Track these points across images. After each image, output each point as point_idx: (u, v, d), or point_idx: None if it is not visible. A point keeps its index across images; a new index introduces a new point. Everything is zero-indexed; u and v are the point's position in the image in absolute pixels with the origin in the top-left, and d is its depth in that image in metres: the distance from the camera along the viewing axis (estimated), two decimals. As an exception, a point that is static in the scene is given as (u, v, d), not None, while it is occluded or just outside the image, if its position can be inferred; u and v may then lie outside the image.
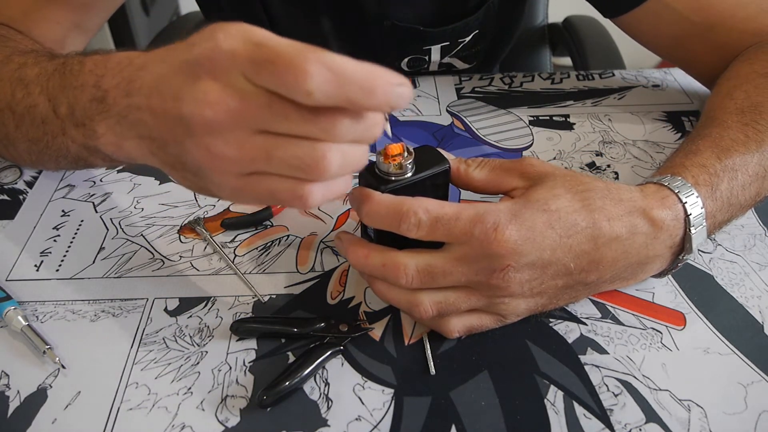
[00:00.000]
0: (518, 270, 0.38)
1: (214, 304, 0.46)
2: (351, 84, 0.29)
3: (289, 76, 0.29)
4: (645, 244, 0.41)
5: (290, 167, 0.32)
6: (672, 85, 0.70)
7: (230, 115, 0.31)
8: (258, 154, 0.32)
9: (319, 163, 0.32)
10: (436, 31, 0.68)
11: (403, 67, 0.73)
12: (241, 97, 0.31)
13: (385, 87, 0.30)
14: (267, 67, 0.29)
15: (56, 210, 0.55)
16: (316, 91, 0.29)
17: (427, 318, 0.41)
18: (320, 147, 0.32)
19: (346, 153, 0.33)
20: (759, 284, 0.48)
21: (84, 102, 0.38)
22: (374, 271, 0.40)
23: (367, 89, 0.30)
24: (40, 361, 0.42)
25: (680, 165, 0.45)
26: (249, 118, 0.31)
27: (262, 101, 0.30)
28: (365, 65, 0.30)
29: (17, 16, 0.58)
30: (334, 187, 0.35)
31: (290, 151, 0.32)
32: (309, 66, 0.28)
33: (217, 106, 0.31)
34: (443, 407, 0.40)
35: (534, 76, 0.72)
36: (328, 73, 0.29)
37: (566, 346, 0.43)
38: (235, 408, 0.40)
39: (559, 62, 1.09)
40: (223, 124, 0.31)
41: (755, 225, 0.53)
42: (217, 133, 0.32)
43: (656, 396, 0.40)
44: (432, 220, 0.38)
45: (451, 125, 0.65)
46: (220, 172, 0.33)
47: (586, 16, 1.01)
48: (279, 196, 0.33)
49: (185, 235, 0.52)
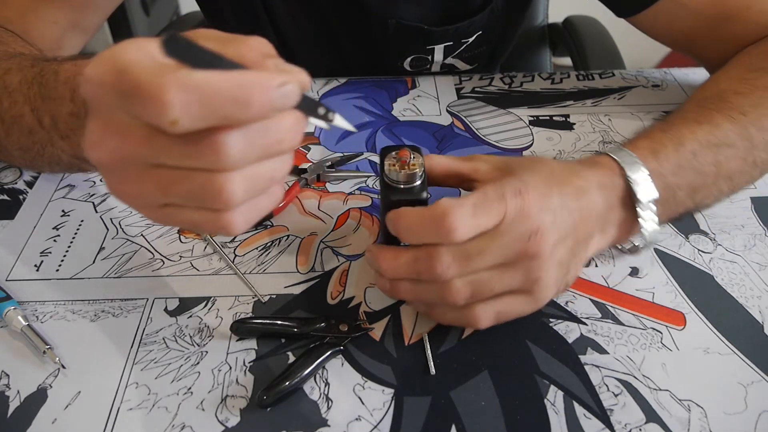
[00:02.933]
0: (546, 231, 0.39)
1: (214, 304, 0.46)
2: (220, 101, 0.27)
3: (150, 107, 0.26)
4: (601, 196, 0.43)
5: (192, 201, 0.30)
6: (672, 85, 0.70)
7: (114, 154, 0.29)
8: (155, 190, 0.30)
9: (218, 195, 0.30)
10: (440, 30, 0.68)
11: (406, 67, 0.73)
12: (121, 134, 0.29)
13: (262, 94, 0.28)
14: (130, 99, 0.27)
15: (56, 210, 0.55)
16: (180, 118, 0.26)
17: (460, 300, 0.39)
18: (216, 179, 0.29)
19: (251, 176, 0.30)
20: (759, 284, 0.48)
21: (64, 115, 0.38)
22: (407, 269, 0.39)
23: (241, 102, 0.27)
24: (40, 361, 0.42)
25: (626, 142, 0.47)
26: (133, 155, 0.29)
27: (142, 135, 0.28)
28: (234, 75, 0.27)
29: (14, 16, 0.57)
30: (258, 206, 0.32)
31: (185, 186, 0.30)
32: (166, 95, 0.26)
33: (100, 147, 0.29)
34: (443, 407, 0.40)
35: (534, 76, 0.72)
36: (189, 96, 0.26)
37: (566, 346, 0.43)
38: (235, 408, 0.40)
39: (560, 62, 1.09)
40: (112, 164, 0.30)
41: (755, 225, 0.53)
42: (112, 172, 0.31)
43: (656, 396, 0.40)
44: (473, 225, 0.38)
45: (451, 125, 0.65)
46: (133, 206, 0.32)
47: (587, 16, 1.01)
48: (201, 227, 0.32)
49: (185, 235, 0.52)
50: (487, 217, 0.38)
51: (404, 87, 0.70)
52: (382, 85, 0.71)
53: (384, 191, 0.42)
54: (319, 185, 0.57)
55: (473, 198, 0.38)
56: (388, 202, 0.42)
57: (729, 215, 0.54)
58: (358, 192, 0.56)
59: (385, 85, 0.71)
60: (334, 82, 0.71)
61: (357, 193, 0.56)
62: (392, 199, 0.41)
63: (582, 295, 0.47)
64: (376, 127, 0.64)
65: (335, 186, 0.57)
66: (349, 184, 0.57)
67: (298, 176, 0.57)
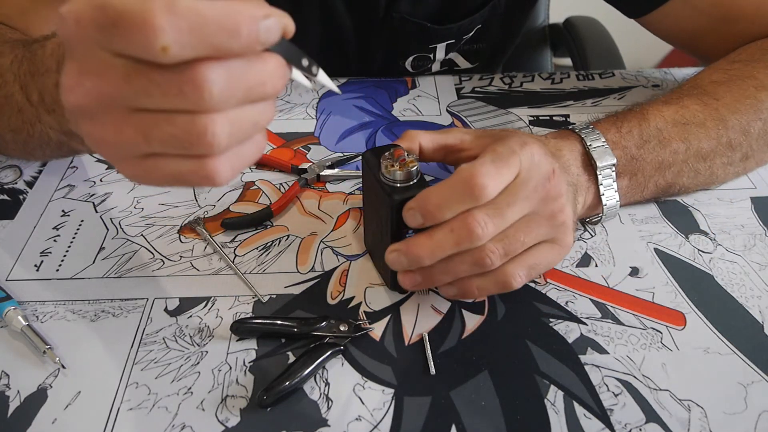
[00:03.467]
0: (558, 171, 0.41)
1: (214, 304, 0.46)
2: (210, 27, 0.26)
3: (138, 34, 0.25)
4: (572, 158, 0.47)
5: (175, 147, 0.29)
6: (672, 85, 0.70)
7: (91, 96, 0.28)
8: (136, 136, 0.29)
9: (201, 138, 0.28)
10: (443, 29, 0.68)
11: (408, 67, 0.73)
12: (98, 74, 0.27)
13: (250, 24, 0.27)
14: (113, 31, 0.25)
15: (56, 210, 0.55)
16: (172, 44, 0.25)
17: (496, 260, 0.40)
18: (198, 121, 0.28)
19: (235, 119, 0.29)
20: (759, 284, 0.48)
21: (50, 87, 0.37)
22: (445, 243, 0.39)
23: (230, 29, 0.26)
24: (40, 361, 0.42)
25: (593, 120, 0.51)
26: (111, 96, 0.28)
27: (121, 74, 0.27)
28: (219, 3, 0.26)
29: (14, 14, 0.58)
30: (243, 153, 0.31)
31: (166, 129, 0.28)
32: (157, 19, 0.25)
33: (76, 88, 0.28)
34: (443, 407, 0.40)
35: (534, 76, 0.72)
36: (181, 21, 0.25)
37: (566, 346, 0.43)
38: (235, 408, 0.40)
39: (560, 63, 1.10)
40: (91, 109, 0.28)
41: (755, 225, 0.53)
42: (90, 118, 0.29)
43: (656, 396, 0.40)
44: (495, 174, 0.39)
45: (451, 125, 0.65)
46: (112, 158, 0.30)
47: (587, 17, 1.01)
48: (184, 179, 0.30)
49: (185, 235, 0.52)
50: (507, 169, 0.39)
51: (404, 87, 0.70)
52: (382, 85, 0.71)
53: (383, 196, 0.41)
54: (319, 185, 0.57)
55: (488, 156, 0.39)
56: (392, 203, 0.41)
57: (729, 215, 0.54)
58: (358, 192, 0.56)
59: (385, 85, 0.71)
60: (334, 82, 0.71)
61: (357, 193, 0.56)
62: (397, 199, 0.41)
63: (582, 295, 0.47)
64: (376, 127, 0.64)
65: (335, 186, 0.57)
66: (349, 184, 0.57)
67: (298, 176, 0.57)
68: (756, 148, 0.52)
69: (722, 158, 0.51)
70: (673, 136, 0.49)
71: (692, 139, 0.49)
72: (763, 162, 0.55)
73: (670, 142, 0.49)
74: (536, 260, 0.42)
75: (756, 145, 0.52)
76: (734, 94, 0.52)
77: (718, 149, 0.50)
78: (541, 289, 0.47)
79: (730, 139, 0.50)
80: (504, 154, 0.39)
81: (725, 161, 0.51)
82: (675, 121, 0.49)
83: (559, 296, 0.47)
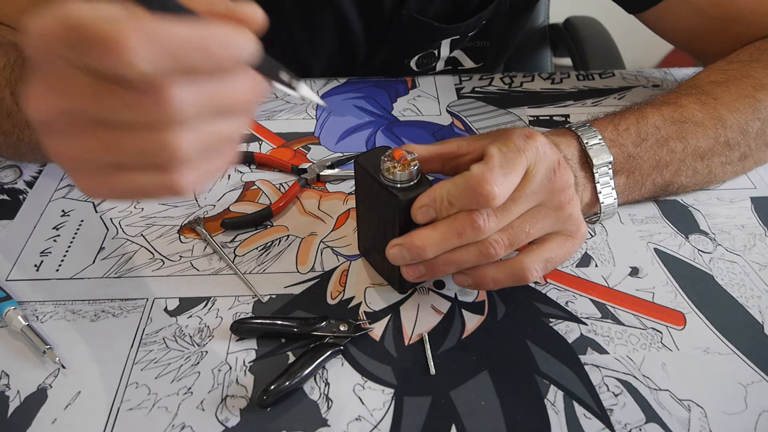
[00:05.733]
0: (563, 162, 0.41)
1: (214, 304, 0.46)
2: (181, 46, 0.26)
3: (108, 52, 0.25)
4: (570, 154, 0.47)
5: (139, 159, 0.28)
6: (672, 85, 0.70)
7: (55, 110, 0.28)
8: (98, 149, 0.28)
9: (164, 151, 0.28)
10: (450, 28, 0.68)
11: (413, 66, 0.73)
12: (63, 89, 0.27)
13: (221, 42, 0.27)
14: (82, 49, 0.25)
15: (56, 210, 0.55)
16: (142, 62, 0.25)
17: (500, 251, 0.40)
18: (163, 134, 0.28)
19: (201, 132, 0.29)
20: (759, 284, 0.48)
21: None
22: (448, 234, 0.39)
23: (201, 48, 0.26)
24: (40, 361, 0.42)
25: (590, 119, 0.50)
26: (75, 110, 0.28)
27: (86, 89, 0.27)
28: (192, 21, 0.26)
29: (13, 15, 0.58)
30: (210, 166, 0.30)
31: (130, 143, 0.28)
32: (128, 38, 0.24)
33: (40, 103, 0.28)
34: (443, 407, 0.40)
35: (534, 76, 0.72)
36: (152, 39, 0.25)
37: (566, 346, 0.43)
38: (235, 408, 0.40)
39: (560, 63, 1.10)
40: (53, 121, 0.28)
41: (755, 225, 0.53)
42: (53, 132, 0.29)
43: (656, 396, 0.40)
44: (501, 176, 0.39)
45: (451, 125, 0.65)
46: (77, 172, 0.30)
47: (587, 17, 1.02)
48: (147, 192, 0.30)
49: (185, 235, 0.52)
50: (515, 174, 0.39)
51: (404, 87, 0.70)
52: (382, 85, 0.71)
53: (388, 198, 0.41)
54: (319, 185, 0.57)
55: (496, 159, 0.39)
56: (399, 203, 0.40)
57: (729, 215, 0.54)
58: (358, 192, 0.56)
59: (385, 85, 0.71)
60: (334, 82, 0.71)
61: (357, 193, 0.56)
62: (405, 199, 0.40)
63: (582, 295, 0.47)
64: (376, 127, 0.64)
65: (335, 186, 0.57)
66: (349, 184, 0.57)
67: (298, 176, 0.57)
68: (754, 147, 0.52)
69: (720, 157, 0.51)
70: (671, 134, 0.49)
71: (690, 138, 0.49)
72: (761, 161, 0.55)
73: (667, 141, 0.49)
74: (552, 254, 0.42)
75: (754, 144, 0.52)
76: (732, 94, 0.52)
77: (716, 148, 0.50)
78: (541, 289, 0.47)
79: (728, 138, 0.50)
80: (509, 156, 0.39)
81: (723, 160, 0.51)
82: (673, 119, 0.49)
83: (559, 296, 0.47)
